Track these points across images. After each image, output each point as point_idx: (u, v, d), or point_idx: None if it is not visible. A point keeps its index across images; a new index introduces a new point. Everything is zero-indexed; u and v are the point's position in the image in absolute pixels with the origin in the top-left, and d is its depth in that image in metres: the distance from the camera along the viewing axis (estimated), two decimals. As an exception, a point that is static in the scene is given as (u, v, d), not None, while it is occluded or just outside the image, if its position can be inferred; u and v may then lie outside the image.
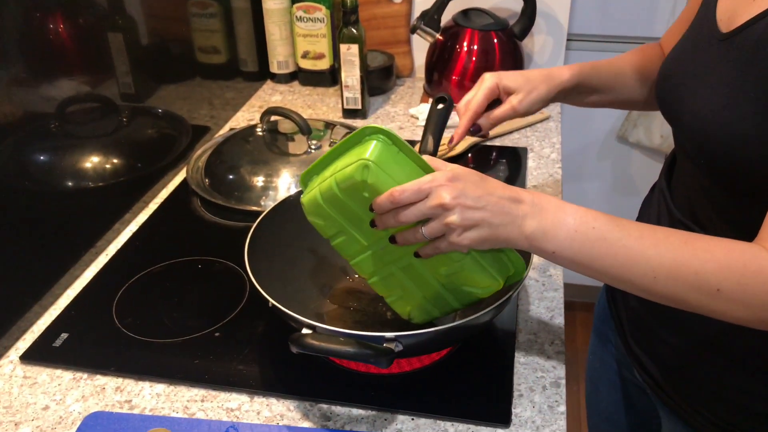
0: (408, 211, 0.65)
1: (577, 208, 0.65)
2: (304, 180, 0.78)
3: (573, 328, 2.18)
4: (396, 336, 0.69)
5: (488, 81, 0.88)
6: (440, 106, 0.94)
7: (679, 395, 0.78)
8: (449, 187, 0.64)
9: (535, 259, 0.96)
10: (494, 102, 0.90)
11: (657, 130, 1.84)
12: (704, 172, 0.69)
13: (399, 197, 0.65)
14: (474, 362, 0.82)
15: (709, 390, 0.74)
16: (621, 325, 0.89)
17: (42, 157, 0.98)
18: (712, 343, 0.73)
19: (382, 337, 0.69)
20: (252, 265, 0.80)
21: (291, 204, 0.92)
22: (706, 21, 0.71)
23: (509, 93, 0.88)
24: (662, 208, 0.80)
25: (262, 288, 0.76)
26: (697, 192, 0.73)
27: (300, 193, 0.93)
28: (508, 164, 1.26)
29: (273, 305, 0.74)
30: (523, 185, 1.19)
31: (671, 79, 0.74)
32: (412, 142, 1.33)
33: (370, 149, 0.67)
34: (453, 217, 0.64)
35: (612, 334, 0.95)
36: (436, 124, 0.93)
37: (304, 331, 0.70)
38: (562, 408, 0.77)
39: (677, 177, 0.79)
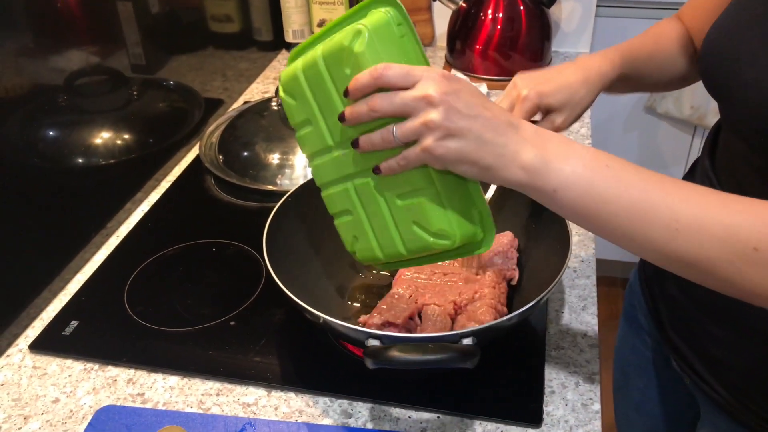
0: (385, 96, 0.55)
1: (588, 146, 0.55)
2: (294, 56, 0.67)
3: (594, 304, 2.13)
4: (471, 331, 0.65)
5: (528, 102, 0.76)
6: None
7: (726, 389, 0.73)
8: (442, 82, 0.53)
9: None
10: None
11: (687, 101, 1.77)
12: (760, 153, 0.64)
13: (382, 72, 0.54)
14: (502, 356, 0.78)
15: (763, 385, 0.69)
16: (657, 314, 0.84)
17: (51, 133, 0.94)
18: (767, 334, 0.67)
19: (457, 335, 0.64)
20: (272, 261, 0.75)
21: (296, 201, 0.86)
22: None
23: (551, 111, 0.78)
24: None
25: (288, 289, 0.71)
26: (750, 175, 0.67)
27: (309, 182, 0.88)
28: (535, 140, 1.20)
29: (324, 321, 0.69)
30: (551, 163, 1.13)
31: (721, 51, 0.67)
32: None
33: (370, 17, 0.58)
34: (435, 115, 0.53)
35: (645, 320, 0.91)
36: None
37: (371, 342, 0.65)
38: (597, 406, 0.73)
39: (723, 157, 0.73)
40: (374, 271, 0.89)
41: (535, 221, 0.85)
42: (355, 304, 0.85)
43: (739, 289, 0.51)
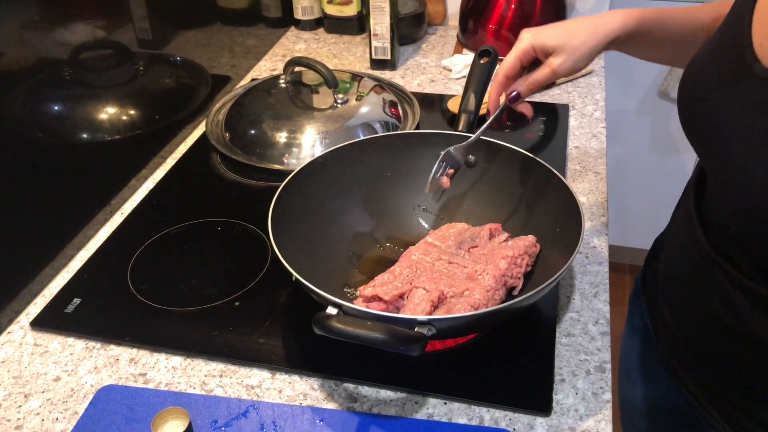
0: None
1: None
2: None
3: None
4: (429, 319, 0.62)
5: (523, 41, 0.76)
6: (484, 59, 0.86)
7: (720, 413, 0.70)
8: None
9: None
10: (536, 63, 0.78)
11: (702, 86, 1.73)
12: (744, 231, 0.57)
13: None
14: (512, 343, 0.76)
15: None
16: (657, 332, 0.80)
17: (55, 107, 0.92)
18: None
19: (414, 320, 0.63)
20: (276, 232, 0.73)
21: (318, 166, 0.85)
22: (734, 44, 0.57)
23: (548, 53, 0.75)
24: (692, 243, 0.66)
25: (285, 258, 0.70)
26: (742, 258, 0.60)
27: (325, 155, 0.86)
28: (548, 123, 1.18)
29: (296, 279, 0.68)
30: (564, 146, 1.11)
31: (695, 108, 0.61)
32: (449, 97, 1.25)
33: None
34: None
35: (654, 333, 0.87)
36: (479, 80, 0.84)
37: (330, 310, 0.64)
38: (608, 395, 0.71)
39: (711, 216, 0.65)
40: (395, 247, 0.88)
41: (560, 225, 0.80)
42: (362, 276, 0.84)
43: None
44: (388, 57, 1.36)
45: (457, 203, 0.90)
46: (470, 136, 0.82)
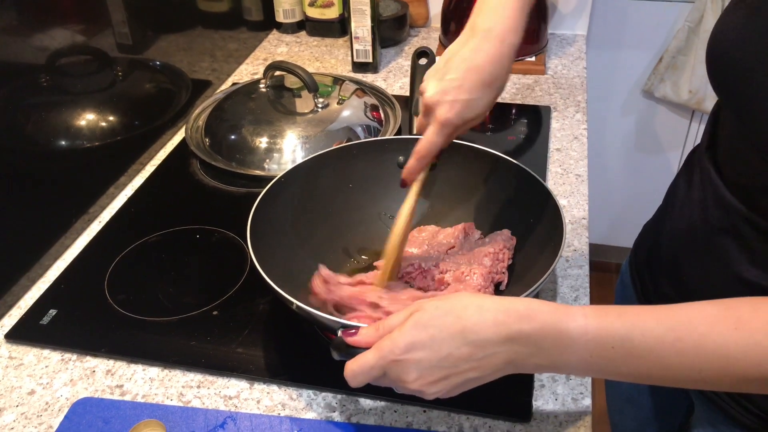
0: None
1: (583, 330, 0.52)
2: None
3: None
4: None
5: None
6: (423, 60, 0.87)
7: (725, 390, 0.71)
8: (405, 364, 0.55)
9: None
10: None
11: (685, 85, 1.73)
12: None
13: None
14: (491, 348, 0.76)
15: None
16: None
17: (32, 114, 0.91)
18: None
19: None
20: (258, 258, 0.71)
21: (280, 186, 0.83)
22: None
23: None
24: (709, 193, 0.68)
25: (271, 280, 0.68)
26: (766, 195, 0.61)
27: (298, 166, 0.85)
28: (530, 125, 1.18)
29: (298, 307, 0.67)
30: (545, 148, 1.10)
31: (732, 56, 0.60)
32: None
33: None
34: (423, 391, 0.57)
35: None
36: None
37: (341, 333, 0.63)
38: (588, 401, 0.71)
39: (731, 167, 0.66)
40: (368, 258, 0.87)
41: (534, 216, 0.80)
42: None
43: None
44: (370, 60, 1.35)
45: (421, 206, 0.90)
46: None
